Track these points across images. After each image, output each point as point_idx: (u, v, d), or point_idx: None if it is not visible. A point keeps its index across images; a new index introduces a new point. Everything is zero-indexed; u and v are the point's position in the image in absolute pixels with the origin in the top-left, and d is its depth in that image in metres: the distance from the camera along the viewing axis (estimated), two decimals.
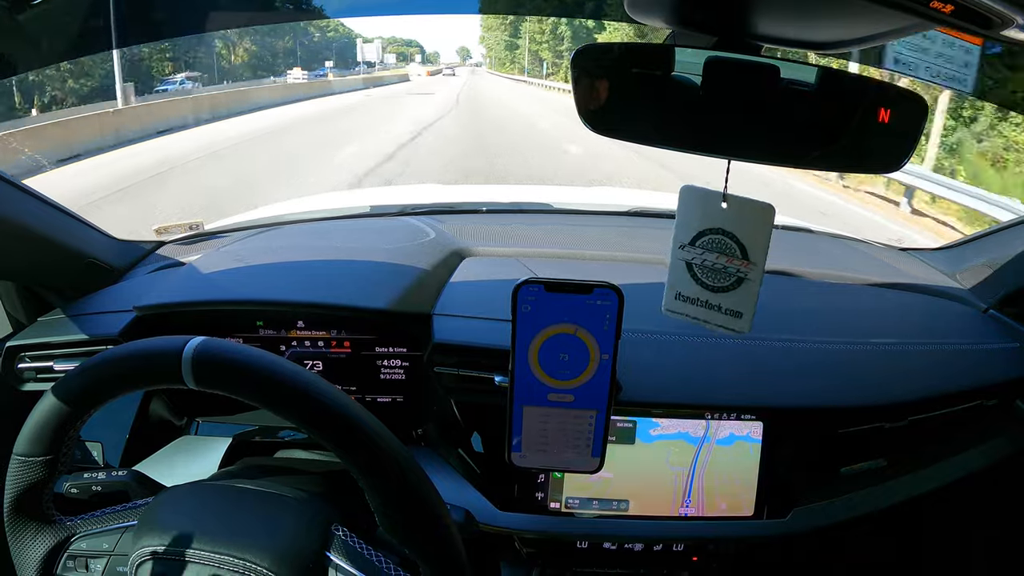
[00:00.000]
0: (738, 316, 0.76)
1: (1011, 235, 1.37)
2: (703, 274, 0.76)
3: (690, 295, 0.77)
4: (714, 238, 0.75)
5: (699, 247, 0.75)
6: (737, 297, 0.76)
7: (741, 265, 0.75)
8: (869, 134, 0.63)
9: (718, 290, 0.76)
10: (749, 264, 0.75)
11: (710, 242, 0.75)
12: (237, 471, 1.00)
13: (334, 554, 0.75)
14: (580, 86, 0.64)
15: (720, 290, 0.76)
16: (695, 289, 0.76)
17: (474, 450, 1.19)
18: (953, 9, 0.44)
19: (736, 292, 0.76)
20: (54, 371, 1.13)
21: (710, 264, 0.75)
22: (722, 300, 0.76)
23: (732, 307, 0.76)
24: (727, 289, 0.76)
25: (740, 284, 0.75)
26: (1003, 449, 1.17)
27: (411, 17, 4.38)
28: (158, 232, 1.58)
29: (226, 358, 0.70)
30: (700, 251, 0.75)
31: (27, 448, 0.74)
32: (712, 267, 0.75)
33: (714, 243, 0.75)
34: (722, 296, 0.76)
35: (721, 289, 0.76)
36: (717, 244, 0.75)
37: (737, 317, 0.76)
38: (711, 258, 0.75)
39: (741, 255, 0.74)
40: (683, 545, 1.11)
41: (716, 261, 0.75)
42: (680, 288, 0.77)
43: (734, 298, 0.76)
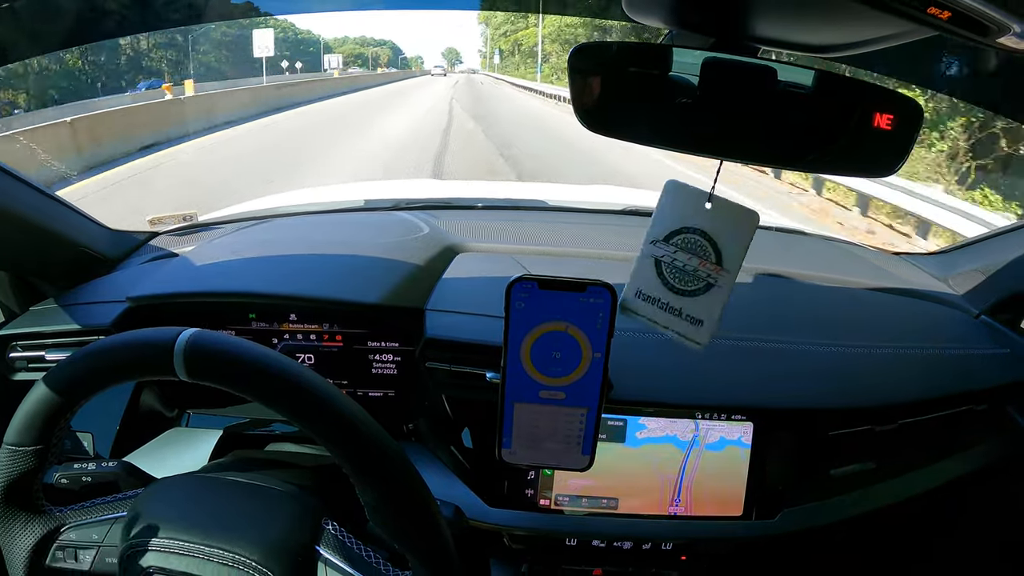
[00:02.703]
0: (698, 324, 0.74)
1: (1004, 241, 1.37)
2: (670, 274, 0.73)
3: (652, 294, 0.74)
4: (690, 238, 0.73)
5: (672, 245, 0.73)
6: (702, 304, 0.74)
7: (713, 271, 0.73)
8: (864, 138, 0.63)
9: (683, 293, 0.74)
10: (722, 271, 0.73)
11: (685, 241, 0.73)
12: (228, 463, 1.00)
13: (324, 548, 0.75)
14: (577, 84, 0.64)
15: (685, 294, 0.74)
16: (658, 289, 0.74)
17: (465, 446, 1.19)
18: (950, 15, 0.44)
19: (701, 298, 0.74)
20: (46, 361, 1.13)
21: (680, 264, 0.73)
22: (684, 304, 0.74)
23: (694, 314, 0.74)
24: (692, 294, 0.74)
25: (707, 290, 0.73)
26: (992, 453, 1.18)
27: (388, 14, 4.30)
28: (152, 223, 1.57)
29: (218, 350, 0.70)
30: (672, 249, 0.73)
31: (17, 438, 0.74)
32: (682, 268, 0.73)
33: (689, 243, 0.73)
34: (686, 300, 0.74)
35: (686, 293, 0.74)
36: (692, 245, 0.73)
37: (697, 325, 0.74)
38: (682, 258, 0.73)
39: (715, 260, 0.73)
40: (671, 544, 1.11)
41: (687, 262, 0.73)
42: (642, 285, 0.75)
43: (698, 304, 0.74)
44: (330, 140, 13.73)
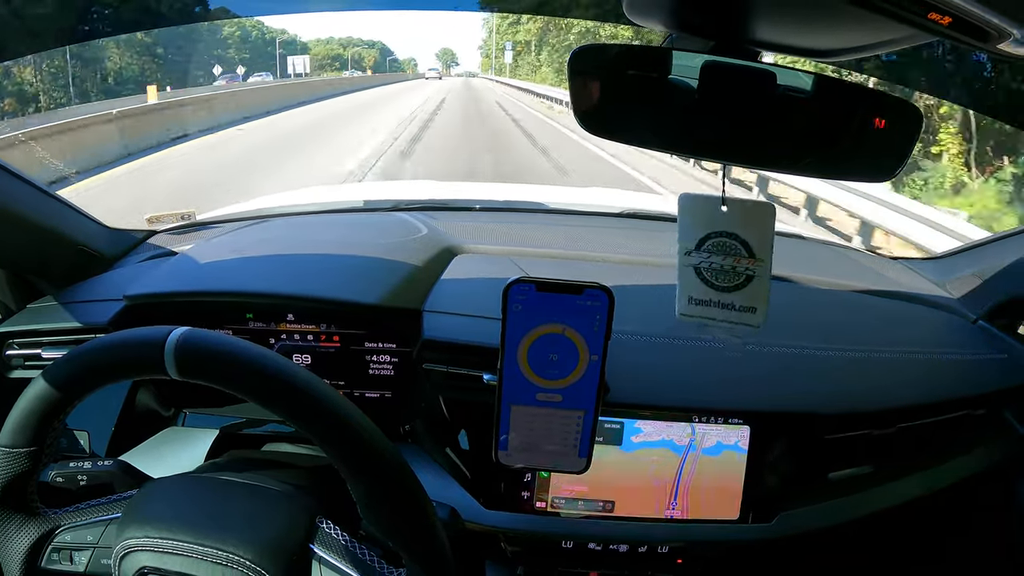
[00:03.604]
0: (752, 311, 0.78)
1: (1002, 246, 1.37)
2: (712, 276, 0.77)
3: (702, 297, 0.78)
4: (718, 241, 0.76)
5: (704, 251, 0.76)
6: (749, 293, 0.77)
7: (749, 263, 0.76)
8: (863, 142, 0.63)
9: (730, 289, 0.77)
10: (756, 261, 0.76)
11: (715, 245, 0.76)
12: (223, 463, 1.00)
13: (318, 547, 0.75)
14: (576, 86, 0.64)
15: (731, 289, 0.77)
16: (706, 291, 0.78)
17: (461, 448, 1.19)
18: (951, 21, 0.44)
19: (747, 289, 0.77)
20: (42, 358, 1.13)
21: (718, 266, 0.77)
22: (734, 298, 0.78)
23: (745, 303, 0.78)
24: (738, 287, 0.77)
25: (750, 281, 0.77)
26: (990, 458, 1.18)
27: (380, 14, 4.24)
28: (150, 221, 1.57)
29: (208, 348, 0.70)
30: (706, 255, 0.76)
31: (10, 439, 0.74)
32: (720, 268, 0.77)
33: (719, 246, 0.76)
34: (734, 295, 0.78)
35: (733, 288, 0.77)
36: (722, 247, 0.76)
37: (751, 312, 0.78)
38: (718, 260, 0.76)
39: (747, 254, 0.76)
40: (668, 547, 1.11)
41: (724, 262, 0.76)
42: (691, 292, 0.78)
43: (746, 295, 0.77)
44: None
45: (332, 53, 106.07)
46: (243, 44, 64.53)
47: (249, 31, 66.48)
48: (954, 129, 8.35)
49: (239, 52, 63.55)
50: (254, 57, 64.17)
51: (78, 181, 8.86)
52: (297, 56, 54.74)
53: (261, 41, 73.85)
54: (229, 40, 63.75)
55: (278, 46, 60.58)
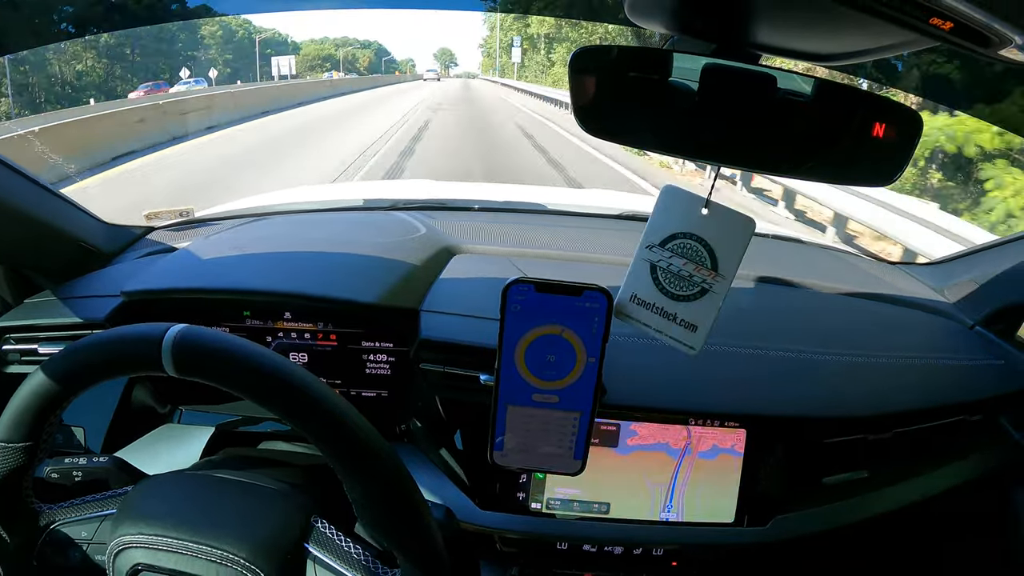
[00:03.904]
0: (692, 330, 0.75)
1: (1000, 252, 1.37)
2: (666, 279, 0.74)
3: (647, 299, 0.75)
4: (686, 243, 0.73)
5: (668, 250, 0.74)
6: (696, 309, 0.74)
7: (708, 276, 0.73)
8: (863, 147, 0.63)
9: (678, 299, 0.75)
10: (717, 276, 0.73)
11: (681, 247, 0.74)
12: (218, 461, 0.99)
13: (313, 545, 0.75)
14: (577, 87, 0.64)
15: (680, 299, 0.75)
16: (653, 294, 0.75)
17: (457, 448, 1.19)
18: (952, 27, 0.44)
19: (697, 303, 0.74)
20: (39, 354, 1.13)
21: (676, 270, 0.74)
22: (680, 310, 0.75)
23: (689, 319, 0.75)
24: (688, 299, 0.74)
25: (703, 295, 0.74)
26: (986, 464, 1.18)
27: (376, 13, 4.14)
28: (148, 218, 1.57)
29: (207, 346, 0.70)
30: (668, 254, 0.74)
31: (5, 434, 0.73)
32: (677, 273, 0.74)
33: (685, 248, 0.73)
34: (681, 306, 0.75)
35: (681, 298, 0.75)
36: (688, 250, 0.73)
37: (691, 331, 0.75)
38: (678, 263, 0.74)
39: (711, 265, 0.73)
40: (662, 550, 1.11)
41: (683, 268, 0.74)
42: (638, 290, 0.75)
43: (693, 310, 0.74)
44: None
45: (324, 53, 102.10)
46: (226, 44, 60.08)
47: (234, 30, 61.58)
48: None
49: (222, 52, 59.86)
50: (238, 57, 60.39)
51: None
52: (282, 57, 49.54)
53: (248, 40, 68.63)
54: (209, 40, 59.16)
55: (257, 44, 56.22)
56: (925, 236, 5.23)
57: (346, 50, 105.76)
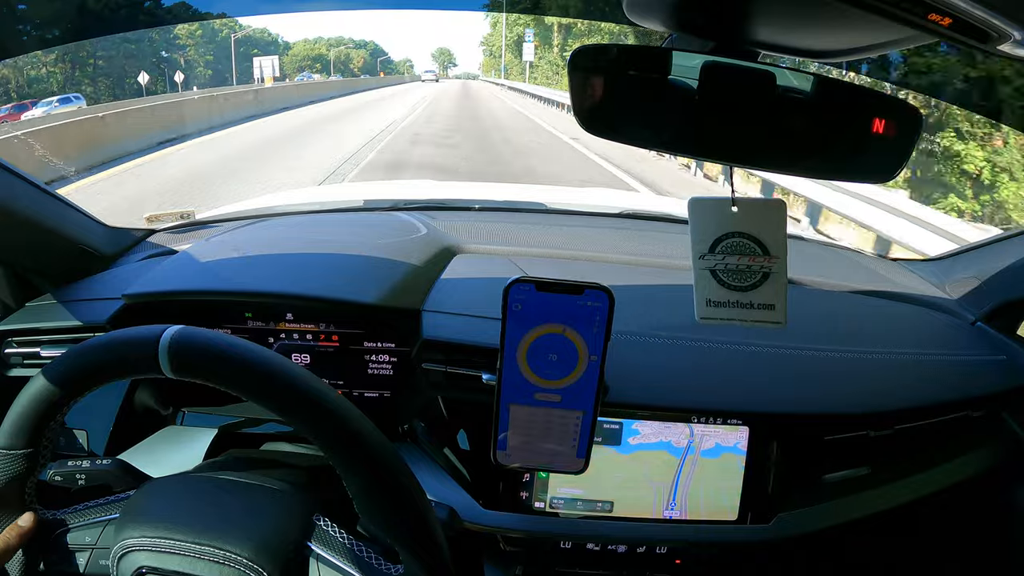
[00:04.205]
0: (771, 308, 0.78)
1: (1001, 248, 1.37)
2: (728, 277, 0.77)
3: (720, 299, 0.78)
4: (732, 242, 0.76)
5: (719, 253, 0.76)
6: (766, 291, 0.77)
7: (764, 261, 0.76)
8: (863, 143, 0.63)
9: (747, 288, 0.77)
10: (772, 259, 0.76)
11: (729, 246, 0.76)
12: (221, 462, 1.00)
13: (316, 544, 0.75)
14: (577, 86, 0.64)
15: (749, 288, 0.77)
16: (723, 293, 0.77)
17: (460, 448, 1.19)
18: (951, 22, 0.44)
19: (764, 287, 0.77)
20: (40, 357, 1.13)
21: (733, 267, 0.77)
22: (752, 297, 0.78)
23: (764, 301, 0.78)
24: (755, 286, 0.77)
25: (767, 279, 0.77)
26: (988, 460, 1.18)
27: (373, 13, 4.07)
28: (149, 220, 1.57)
29: (203, 347, 0.71)
30: (721, 256, 0.76)
31: (7, 441, 0.74)
32: (736, 269, 0.77)
33: (733, 246, 0.76)
34: (752, 293, 0.77)
35: (750, 287, 0.77)
36: (736, 247, 0.76)
37: (770, 310, 0.78)
38: (733, 261, 0.76)
39: (762, 252, 0.76)
40: (666, 548, 1.11)
41: (739, 263, 0.76)
42: (709, 295, 0.78)
43: (764, 293, 0.77)
44: None
45: (314, 53, 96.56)
46: (208, 44, 55.05)
47: (218, 29, 55.22)
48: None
49: (202, 54, 55.62)
50: (221, 58, 55.99)
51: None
52: (265, 57, 43.04)
53: (231, 40, 61.91)
54: (186, 39, 53.92)
55: (233, 44, 50.55)
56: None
57: (338, 50, 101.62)
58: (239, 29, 55.99)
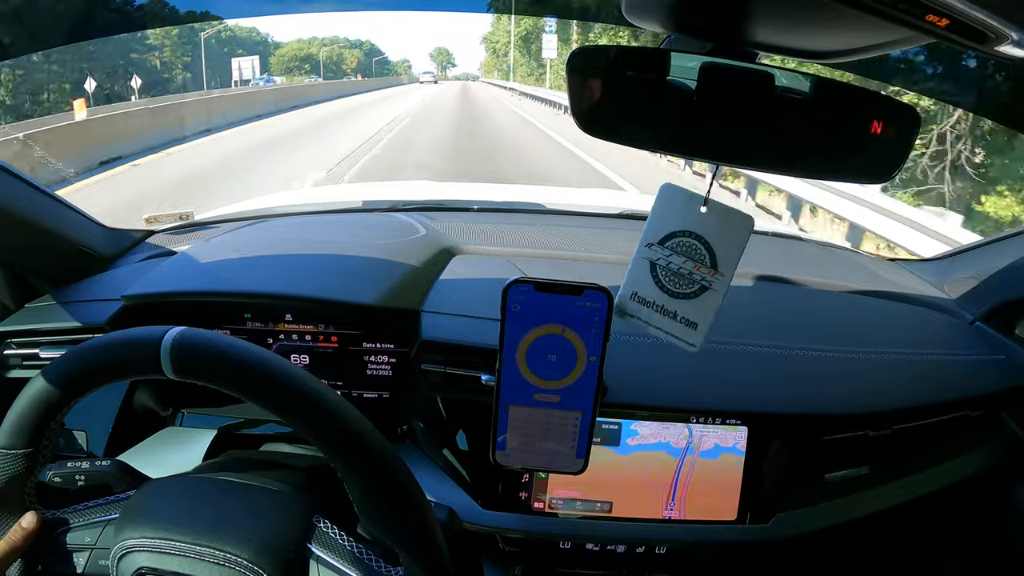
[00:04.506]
0: (692, 327, 0.75)
1: (999, 248, 1.38)
2: (665, 277, 0.75)
3: (647, 298, 0.76)
4: (685, 241, 0.74)
5: (667, 248, 0.74)
6: (696, 307, 0.75)
7: (708, 274, 0.74)
8: (861, 144, 0.63)
9: (677, 296, 0.75)
10: (716, 274, 0.74)
11: (680, 244, 0.74)
12: (221, 463, 1.00)
13: (316, 546, 0.75)
14: (575, 87, 0.64)
15: (680, 296, 0.75)
16: (654, 292, 0.75)
17: (459, 448, 1.19)
18: (948, 23, 0.44)
19: (696, 301, 0.75)
20: (40, 358, 1.13)
21: (675, 267, 0.74)
22: (679, 307, 0.75)
23: (689, 316, 0.75)
24: (687, 296, 0.75)
25: (702, 293, 0.75)
26: (987, 460, 1.18)
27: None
28: (148, 221, 1.57)
29: (205, 348, 0.71)
30: (667, 252, 0.74)
31: (7, 440, 0.74)
32: (676, 271, 0.74)
33: (684, 246, 0.74)
34: (680, 303, 0.75)
35: (681, 296, 0.75)
36: (687, 248, 0.74)
37: (692, 328, 0.75)
38: (677, 261, 0.74)
39: (710, 263, 0.74)
40: (665, 548, 1.11)
41: (682, 266, 0.74)
42: (638, 288, 0.76)
43: (693, 307, 0.75)
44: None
45: (302, 53, 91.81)
46: (185, 44, 49.16)
47: (198, 28, 47.22)
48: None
49: (180, 54, 50.58)
50: (198, 59, 50.36)
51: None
52: (244, 58, 37.91)
53: (215, 40, 59.06)
54: (159, 39, 47.43)
55: (203, 43, 44.40)
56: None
57: (329, 49, 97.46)
58: (224, 28, 54.44)
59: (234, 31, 65.46)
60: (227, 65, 45.02)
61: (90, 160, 10.64)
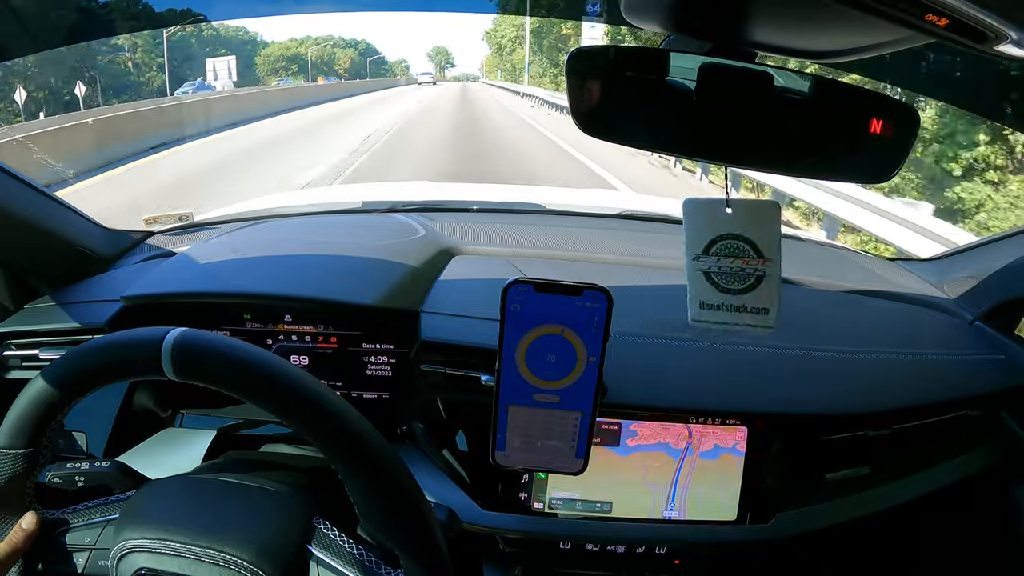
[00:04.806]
0: (764, 312, 0.77)
1: (999, 247, 1.37)
2: (722, 279, 0.77)
3: (713, 302, 0.77)
4: (726, 243, 0.76)
5: (713, 255, 0.76)
6: (760, 294, 0.77)
7: (758, 264, 0.76)
8: (861, 144, 0.63)
9: (740, 291, 0.77)
10: (765, 261, 0.76)
11: (723, 248, 0.76)
12: (221, 464, 1.00)
13: (316, 547, 0.75)
14: (574, 88, 0.64)
15: (742, 291, 0.77)
16: (717, 295, 0.77)
17: (459, 449, 1.19)
18: (947, 23, 0.44)
19: (758, 290, 0.77)
20: (39, 359, 1.13)
21: (727, 269, 0.76)
22: (746, 300, 0.77)
23: (757, 305, 0.77)
24: (749, 289, 0.77)
25: (760, 282, 0.76)
26: (987, 459, 1.18)
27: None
28: (147, 222, 1.57)
29: (206, 349, 0.71)
30: (715, 258, 0.76)
31: (7, 440, 0.74)
32: (730, 271, 0.76)
33: (727, 248, 0.76)
34: (745, 297, 0.77)
35: (743, 290, 0.77)
36: (730, 249, 0.76)
37: (763, 314, 0.77)
38: (727, 263, 0.76)
39: (756, 254, 0.75)
40: (665, 548, 1.11)
41: (732, 265, 0.76)
42: (703, 297, 0.77)
43: (757, 296, 0.77)
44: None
45: (289, 53, 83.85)
46: (157, 45, 43.62)
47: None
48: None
49: (152, 55, 45.92)
50: (180, 60, 47.79)
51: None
52: (220, 58, 33.79)
53: (195, 39, 54.87)
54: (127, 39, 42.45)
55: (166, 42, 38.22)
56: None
57: (320, 48, 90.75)
58: (207, 26, 51.71)
59: (218, 30, 62.87)
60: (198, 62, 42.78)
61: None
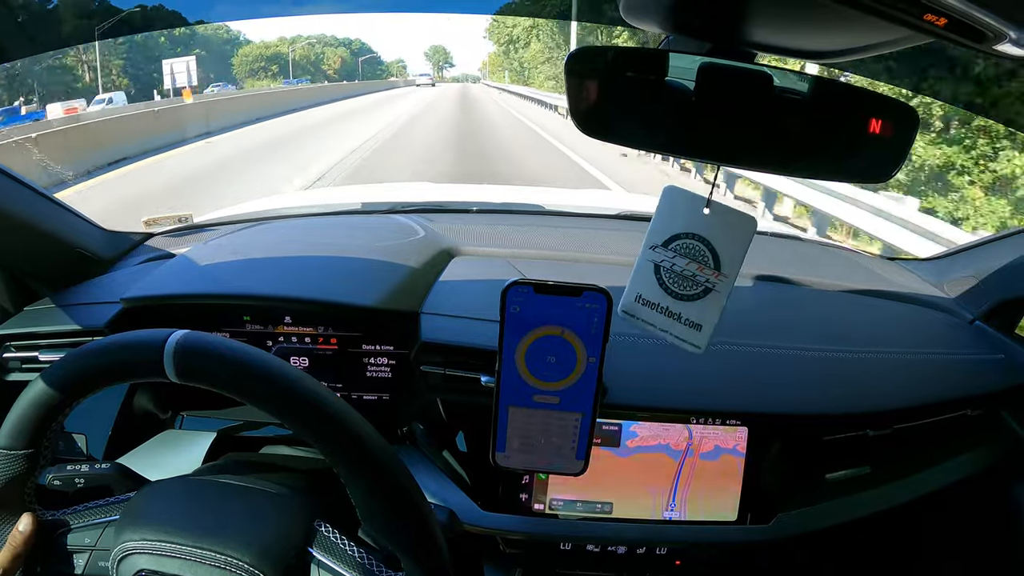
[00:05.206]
0: (697, 329, 0.75)
1: (998, 247, 1.37)
2: (669, 279, 0.75)
3: (651, 299, 0.76)
4: (688, 243, 0.74)
5: (671, 250, 0.74)
6: (700, 309, 0.75)
7: (711, 275, 0.74)
8: (860, 144, 0.63)
9: (682, 298, 0.75)
10: (720, 276, 0.74)
11: (683, 247, 0.74)
12: (221, 466, 1.00)
13: (316, 550, 0.75)
14: (573, 88, 0.64)
15: (684, 298, 0.75)
16: (658, 294, 0.75)
17: (459, 450, 1.19)
18: (946, 23, 0.44)
19: (700, 303, 0.75)
20: (39, 361, 1.13)
21: (679, 269, 0.74)
22: (683, 309, 0.75)
23: (693, 319, 0.75)
24: (691, 298, 0.75)
25: (706, 295, 0.74)
26: (987, 459, 1.18)
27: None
28: (147, 224, 1.57)
29: (209, 352, 0.71)
30: (671, 254, 0.74)
31: (8, 441, 0.74)
32: (680, 273, 0.74)
33: (688, 248, 0.74)
34: (684, 305, 0.75)
35: (685, 298, 0.75)
36: (691, 250, 0.74)
37: (696, 330, 0.75)
38: (681, 263, 0.74)
39: (713, 265, 0.74)
40: (666, 549, 1.11)
41: (686, 267, 0.74)
42: (642, 291, 0.76)
43: (697, 309, 0.75)
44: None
45: (269, 52, 79.19)
46: (119, 45, 41.74)
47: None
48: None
49: (113, 56, 43.62)
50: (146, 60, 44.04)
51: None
52: (178, 59, 27.87)
53: (164, 37, 51.83)
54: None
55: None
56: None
57: (305, 47, 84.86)
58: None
59: (194, 27, 54.34)
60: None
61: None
